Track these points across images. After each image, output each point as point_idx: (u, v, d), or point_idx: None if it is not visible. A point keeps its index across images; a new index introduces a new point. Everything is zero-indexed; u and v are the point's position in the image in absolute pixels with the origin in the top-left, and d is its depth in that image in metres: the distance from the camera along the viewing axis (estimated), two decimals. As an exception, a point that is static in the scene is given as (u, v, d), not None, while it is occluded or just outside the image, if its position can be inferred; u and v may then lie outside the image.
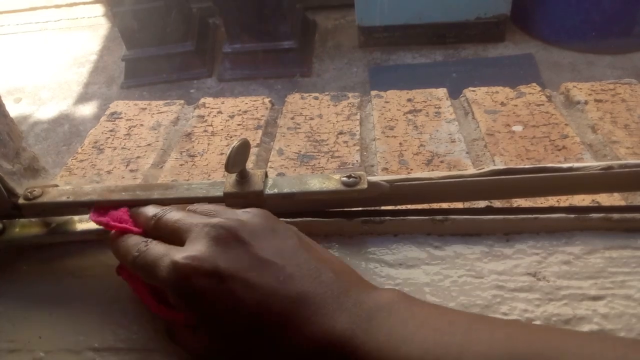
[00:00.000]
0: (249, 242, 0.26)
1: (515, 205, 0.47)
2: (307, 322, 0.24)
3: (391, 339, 0.23)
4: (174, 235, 0.28)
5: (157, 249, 0.28)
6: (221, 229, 0.26)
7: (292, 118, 0.66)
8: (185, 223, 0.28)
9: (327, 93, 0.71)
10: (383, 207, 0.38)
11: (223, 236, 0.26)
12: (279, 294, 0.25)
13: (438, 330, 0.24)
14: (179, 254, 0.26)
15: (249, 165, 0.32)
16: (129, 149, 0.63)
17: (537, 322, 0.30)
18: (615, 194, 0.48)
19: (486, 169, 0.33)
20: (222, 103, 0.71)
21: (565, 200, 0.48)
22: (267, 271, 0.25)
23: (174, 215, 0.30)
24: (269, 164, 0.58)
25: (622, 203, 0.48)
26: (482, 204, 0.46)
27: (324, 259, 0.28)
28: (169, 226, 0.29)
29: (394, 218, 0.35)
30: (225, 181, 0.34)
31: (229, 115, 0.68)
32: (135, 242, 0.29)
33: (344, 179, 0.33)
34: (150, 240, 0.29)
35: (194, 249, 0.26)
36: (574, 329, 0.29)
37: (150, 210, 0.31)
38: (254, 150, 0.60)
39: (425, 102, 0.67)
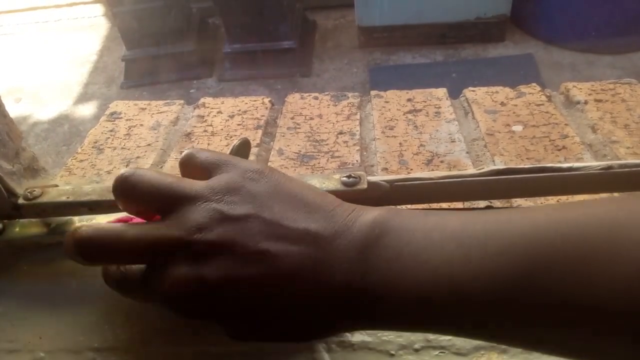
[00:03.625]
0: (219, 244, 0.24)
1: (515, 205, 0.47)
2: (302, 295, 0.24)
3: (392, 272, 0.23)
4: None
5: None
6: (188, 248, 0.24)
7: (292, 118, 0.66)
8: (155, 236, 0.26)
9: (327, 93, 0.71)
10: (383, 207, 0.38)
11: (200, 250, 0.24)
12: (266, 283, 0.24)
13: (445, 240, 0.23)
14: (162, 285, 0.24)
15: (249, 165, 0.32)
16: (128, 149, 0.63)
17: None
18: (615, 194, 0.48)
19: (486, 169, 0.33)
20: (222, 103, 0.71)
21: (565, 200, 0.48)
22: (248, 268, 0.24)
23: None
24: (269, 163, 0.58)
25: (622, 203, 0.48)
26: (482, 204, 0.46)
27: (296, 211, 0.25)
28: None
29: (394, 218, 0.35)
30: (225, 181, 0.34)
31: (228, 115, 0.68)
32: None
33: (344, 179, 0.33)
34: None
35: (172, 277, 0.24)
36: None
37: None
38: (254, 150, 0.60)
39: (425, 102, 0.67)
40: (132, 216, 0.30)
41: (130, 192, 0.27)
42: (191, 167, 0.28)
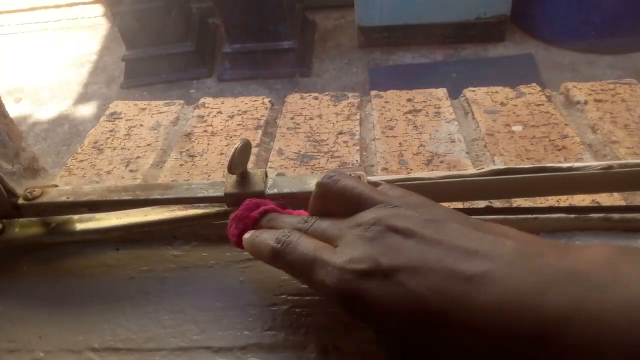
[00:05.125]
0: (407, 230, 0.24)
1: (515, 205, 0.47)
2: (492, 304, 0.20)
3: (620, 303, 0.18)
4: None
5: (308, 244, 0.26)
6: (374, 226, 0.25)
7: (292, 118, 0.66)
8: (333, 230, 0.27)
9: (326, 93, 0.71)
10: (383, 207, 0.38)
11: (378, 231, 0.24)
12: (452, 277, 0.21)
13: None
14: (337, 258, 0.24)
15: (249, 165, 0.32)
16: (128, 149, 0.63)
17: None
18: (615, 194, 0.48)
19: (486, 169, 0.33)
20: (222, 103, 0.71)
21: (565, 200, 0.48)
22: (433, 253, 0.22)
23: (319, 226, 0.28)
24: (269, 163, 0.58)
25: (622, 203, 0.48)
26: (482, 204, 0.46)
27: (494, 230, 0.24)
28: (316, 236, 0.27)
29: (393, 218, 0.35)
30: (225, 181, 0.34)
31: (228, 115, 0.68)
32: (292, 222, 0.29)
33: (344, 179, 0.33)
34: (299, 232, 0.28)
35: (349, 252, 0.24)
36: None
37: (289, 224, 0.29)
38: (253, 150, 0.60)
39: (425, 102, 0.67)
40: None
41: (333, 193, 0.28)
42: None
